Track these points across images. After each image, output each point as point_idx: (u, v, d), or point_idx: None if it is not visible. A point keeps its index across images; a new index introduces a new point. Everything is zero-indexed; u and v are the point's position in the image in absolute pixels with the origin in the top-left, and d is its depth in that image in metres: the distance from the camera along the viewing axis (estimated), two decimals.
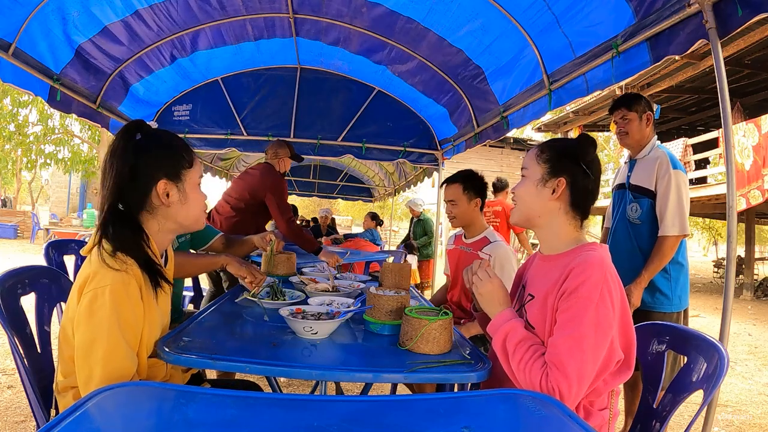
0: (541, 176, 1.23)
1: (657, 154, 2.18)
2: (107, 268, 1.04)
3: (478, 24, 2.77)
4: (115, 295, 1.02)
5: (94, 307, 1.01)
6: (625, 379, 1.15)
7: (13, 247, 11.62)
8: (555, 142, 1.28)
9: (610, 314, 1.06)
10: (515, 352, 1.11)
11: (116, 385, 0.89)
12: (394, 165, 7.37)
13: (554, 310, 1.12)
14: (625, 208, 2.28)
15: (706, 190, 8.40)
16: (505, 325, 1.16)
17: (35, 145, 15.26)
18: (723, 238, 24.08)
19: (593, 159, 1.23)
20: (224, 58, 4.02)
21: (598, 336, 1.05)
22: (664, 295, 2.15)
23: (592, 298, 1.05)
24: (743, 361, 4.70)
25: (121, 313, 1.02)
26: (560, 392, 1.02)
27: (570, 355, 1.03)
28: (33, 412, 1.16)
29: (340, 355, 1.25)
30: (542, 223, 1.25)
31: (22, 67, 2.56)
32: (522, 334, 1.14)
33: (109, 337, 1.00)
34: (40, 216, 15.21)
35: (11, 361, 3.10)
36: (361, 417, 0.84)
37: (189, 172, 1.21)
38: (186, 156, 1.21)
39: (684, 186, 2.11)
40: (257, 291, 1.70)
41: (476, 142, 3.82)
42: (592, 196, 1.24)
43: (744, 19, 1.51)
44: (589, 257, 1.11)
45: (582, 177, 1.21)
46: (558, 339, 1.07)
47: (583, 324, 1.04)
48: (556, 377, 1.03)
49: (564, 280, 1.11)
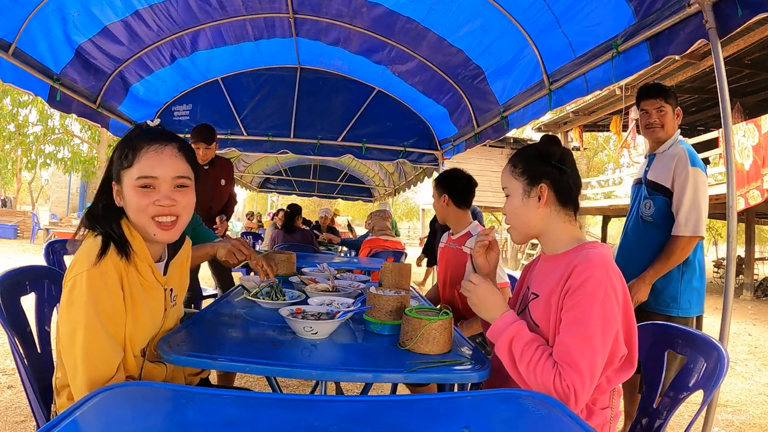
0: (522, 189, 1.26)
1: (676, 150, 2.09)
2: (85, 255, 1.02)
3: (478, 24, 2.77)
4: (91, 282, 0.99)
5: (72, 295, 0.99)
6: (628, 376, 1.16)
7: (13, 247, 11.63)
8: (523, 153, 1.31)
9: (615, 310, 1.07)
10: (523, 354, 1.10)
11: (116, 385, 0.89)
12: (394, 165, 7.37)
13: (558, 308, 1.12)
14: (639, 204, 2.22)
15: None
16: (509, 329, 1.15)
17: (35, 145, 15.27)
18: (723, 238, 24.09)
19: (562, 154, 1.26)
20: (224, 58, 4.02)
21: (605, 332, 1.05)
22: (672, 297, 2.06)
23: (597, 295, 1.06)
24: (743, 361, 4.70)
25: (98, 300, 0.99)
26: (575, 390, 1.02)
27: (581, 353, 1.03)
28: (33, 412, 1.16)
29: (340, 355, 1.24)
30: (540, 231, 1.27)
31: (22, 67, 2.56)
32: (528, 336, 1.13)
33: (87, 326, 0.98)
34: (40, 216, 15.21)
35: (11, 361, 3.10)
36: (361, 417, 0.84)
37: (127, 172, 1.09)
38: (128, 155, 1.09)
39: (702, 185, 2.02)
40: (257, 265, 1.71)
41: (476, 142, 3.82)
42: (576, 187, 1.27)
43: (744, 19, 1.51)
44: (591, 255, 1.12)
45: (559, 175, 1.24)
46: (567, 337, 1.06)
47: (591, 321, 1.05)
48: (570, 376, 1.03)
49: (567, 278, 1.11)
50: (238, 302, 1.74)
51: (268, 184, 10.62)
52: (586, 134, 14.41)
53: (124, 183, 1.10)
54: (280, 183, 10.59)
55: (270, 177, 10.22)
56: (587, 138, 17.04)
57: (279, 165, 9.33)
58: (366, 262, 4.03)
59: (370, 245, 4.78)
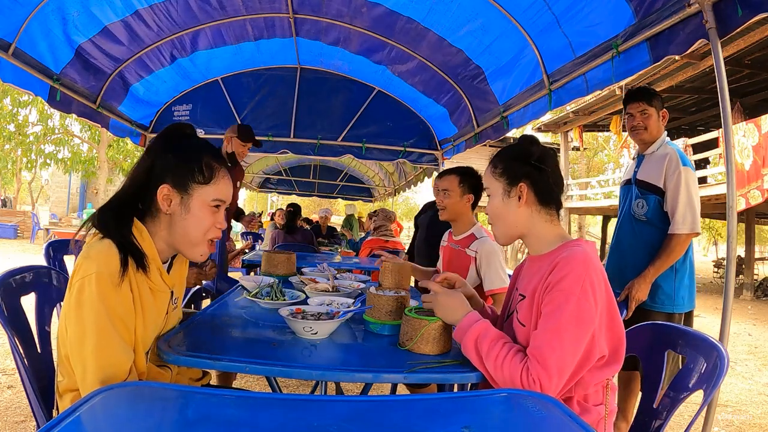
0: (503, 189, 1.27)
1: (666, 150, 2.14)
2: (94, 255, 1.01)
3: (478, 24, 2.77)
4: (101, 284, 0.99)
5: (81, 297, 0.98)
6: (613, 373, 1.16)
7: (13, 247, 11.63)
8: (502, 154, 1.32)
9: (591, 308, 1.07)
10: (489, 352, 1.11)
11: (116, 385, 0.89)
12: (394, 165, 7.38)
13: (539, 304, 1.14)
14: (630, 204, 2.25)
15: (706, 190, 8.40)
16: (472, 329, 1.16)
17: (35, 145, 15.27)
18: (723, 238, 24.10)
19: (541, 153, 1.26)
20: (224, 58, 4.02)
21: (579, 329, 1.06)
22: (667, 295, 2.12)
23: (573, 291, 1.07)
24: (743, 361, 4.70)
25: (108, 302, 0.99)
26: (541, 384, 1.03)
27: (550, 348, 1.04)
28: (33, 412, 1.16)
29: (340, 355, 1.24)
30: (523, 231, 1.27)
31: (22, 67, 2.56)
32: (493, 333, 1.14)
33: (98, 328, 0.97)
34: (40, 216, 15.18)
35: (11, 361, 3.10)
36: (361, 417, 0.84)
37: (201, 188, 1.13)
38: (204, 171, 1.13)
39: (693, 183, 2.08)
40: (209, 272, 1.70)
41: (476, 142, 3.83)
42: (557, 186, 1.27)
43: (744, 19, 1.51)
44: (573, 252, 1.13)
45: (538, 174, 1.25)
46: (539, 332, 1.08)
47: (563, 317, 1.06)
48: (536, 370, 1.04)
49: (548, 276, 1.12)
50: (238, 302, 1.74)
51: (268, 184, 10.62)
52: (586, 134, 14.42)
53: (194, 197, 1.13)
54: (280, 183, 10.60)
55: (270, 177, 10.23)
56: (587, 138, 17.06)
57: (279, 165, 9.33)
58: (366, 262, 4.03)
59: (370, 245, 4.77)
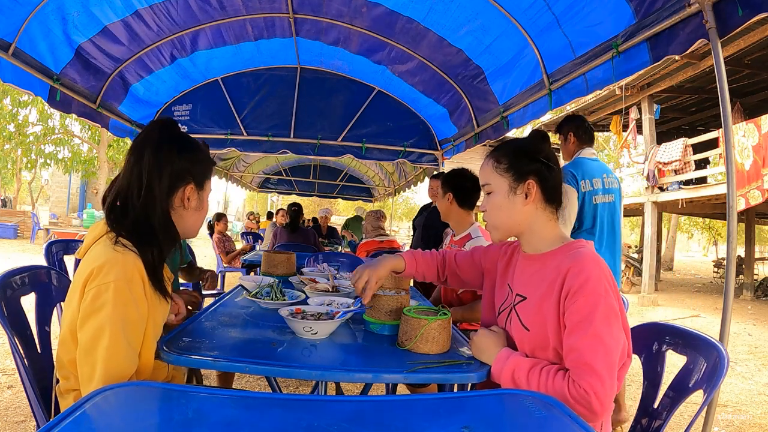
0: (508, 186, 1.22)
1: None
2: (111, 262, 1.02)
3: (478, 24, 2.77)
4: (118, 293, 1.00)
5: (97, 304, 0.99)
6: (627, 369, 1.15)
7: (13, 247, 11.62)
8: (506, 148, 1.27)
9: (615, 305, 1.07)
10: (530, 383, 1.09)
11: (116, 385, 0.89)
12: (394, 165, 7.38)
13: (560, 313, 1.10)
14: None
15: (706, 190, 8.39)
16: (506, 366, 1.13)
17: (35, 145, 15.25)
18: (723, 238, 24.07)
19: (549, 151, 1.24)
20: (224, 58, 4.02)
21: (614, 327, 1.05)
22: None
23: (599, 293, 1.05)
24: (743, 361, 4.70)
25: (124, 311, 1.00)
26: (594, 392, 1.00)
27: (594, 353, 1.02)
28: (33, 412, 1.16)
29: (340, 356, 1.24)
30: (523, 229, 1.24)
31: (22, 67, 2.56)
32: (527, 363, 1.12)
33: (111, 336, 0.98)
34: (40, 216, 15.18)
35: (11, 361, 3.10)
36: (361, 417, 0.84)
37: (208, 183, 1.28)
38: (209, 168, 1.28)
39: (571, 202, 2.42)
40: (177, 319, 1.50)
41: (476, 142, 3.83)
42: (561, 186, 1.26)
43: (744, 19, 1.51)
44: (582, 255, 1.11)
45: (547, 172, 1.22)
46: (577, 342, 1.04)
47: (596, 320, 1.04)
48: (585, 379, 1.01)
49: (563, 282, 1.10)
50: (238, 302, 1.74)
51: (268, 184, 10.63)
52: None
53: (205, 191, 1.26)
54: (280, 183, 10.60)
55: (270, 177, 10.23)
56: None
57: (279, 165, 9.34)
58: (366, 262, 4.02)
59: (366, 248, 4.73)
